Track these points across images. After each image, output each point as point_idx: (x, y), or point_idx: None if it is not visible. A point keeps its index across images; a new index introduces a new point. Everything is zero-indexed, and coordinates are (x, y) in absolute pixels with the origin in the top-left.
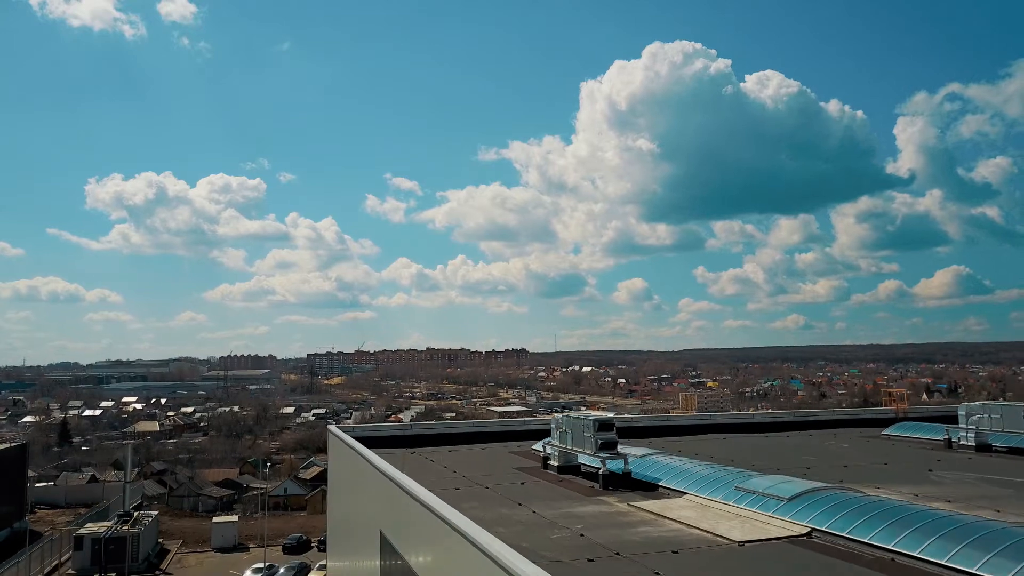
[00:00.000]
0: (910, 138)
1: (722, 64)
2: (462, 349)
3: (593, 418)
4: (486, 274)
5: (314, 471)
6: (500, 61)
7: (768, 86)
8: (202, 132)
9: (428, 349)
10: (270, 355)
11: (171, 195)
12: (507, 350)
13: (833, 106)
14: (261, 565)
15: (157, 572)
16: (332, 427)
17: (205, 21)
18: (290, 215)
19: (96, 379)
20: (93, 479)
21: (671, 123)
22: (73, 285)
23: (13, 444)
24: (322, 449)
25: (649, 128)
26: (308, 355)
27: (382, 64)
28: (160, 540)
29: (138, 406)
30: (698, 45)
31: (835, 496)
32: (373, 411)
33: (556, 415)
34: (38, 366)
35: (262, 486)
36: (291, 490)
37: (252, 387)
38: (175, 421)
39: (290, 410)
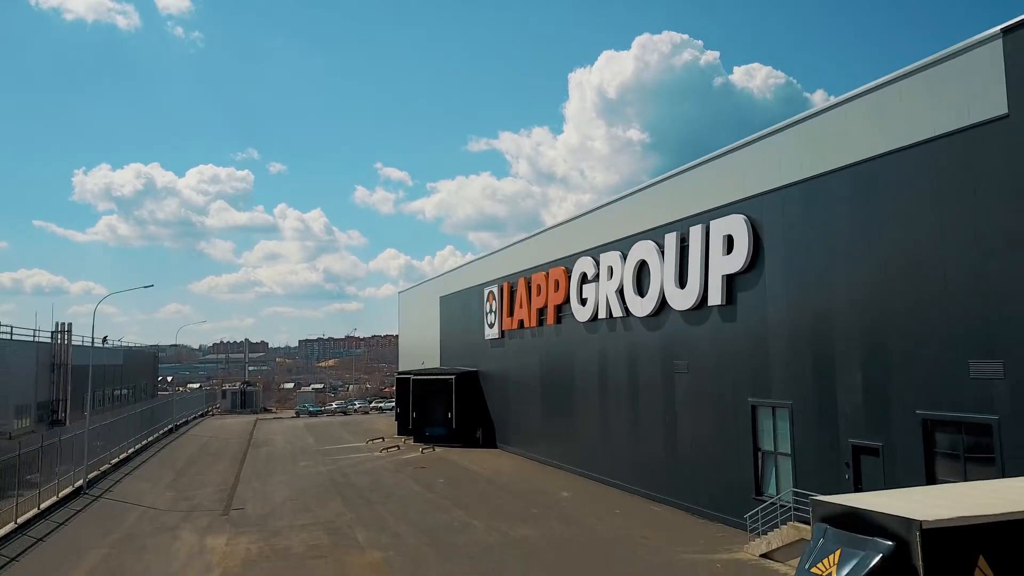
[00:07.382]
0: None
1: (711, 56)
2: None
3: None
4: None
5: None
6: (491, 51)
7: (755, 77)
8: (193, 122)
9: None
10: (262, 341)
11: (159, 186)
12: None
13: (818, 97)
14: (342, 401)
15: (272, 411)
16: (400, 290)
17: (201, 12)
18: (279, 206)
19: None
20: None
21: (660, 113)
22: (58, 277)
23: (150, 347)
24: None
25: (638, 118)
26: (300, 341)
27: (375, 54)
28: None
29: None
30: (685, 36)
31: None
32: (368, 386)
33: None
34: None
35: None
36: None
37: (250, 368)
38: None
39: (289, 385)
